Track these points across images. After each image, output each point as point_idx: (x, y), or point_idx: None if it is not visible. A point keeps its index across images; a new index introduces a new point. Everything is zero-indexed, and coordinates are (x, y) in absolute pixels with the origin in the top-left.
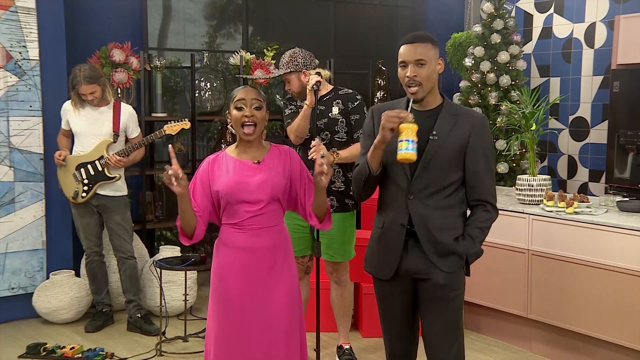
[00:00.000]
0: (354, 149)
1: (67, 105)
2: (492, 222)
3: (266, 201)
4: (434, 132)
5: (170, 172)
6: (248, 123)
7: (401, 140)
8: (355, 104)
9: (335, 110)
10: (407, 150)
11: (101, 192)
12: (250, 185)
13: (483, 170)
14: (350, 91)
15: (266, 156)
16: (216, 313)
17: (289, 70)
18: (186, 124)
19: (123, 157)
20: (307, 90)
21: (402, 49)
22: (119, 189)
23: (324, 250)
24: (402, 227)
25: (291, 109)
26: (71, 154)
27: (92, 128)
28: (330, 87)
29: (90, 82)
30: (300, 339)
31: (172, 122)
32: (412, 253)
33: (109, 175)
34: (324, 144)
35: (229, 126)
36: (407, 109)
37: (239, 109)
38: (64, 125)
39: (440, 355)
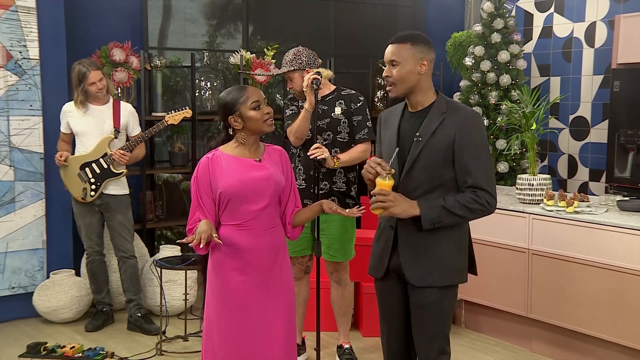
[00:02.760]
0: (355, 152)
1: (67, 107)
2: (476, 206)
3: (268, 200)
4: (417, 134)
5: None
6: (270, 119)
7: (373, 195)
8: (358, 105)
9: (338, 110)
10: (374, 205)
11: (104, 191)
12: (254, 182)
13: (473, 165)
14: (353, 92)
15: (264, 154)
16: (217, 313)
17: (292, 68)
18: (187, 112)
19: (127, 151)
20: (305, 91)
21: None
22: (122, 187)
23: (324, 250)
24: (391, 228)
25: (292, 110)
26: (73, 154)
27: (94, 126)
28: (333, 87)
29: (96, 68)
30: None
31: (172, 111)
32: (397, 254)
33: (115, 171)
34: (326, 144)
35: (236, 130)
36: (401, 115)
37: (257, 108)
38: (63, 129)
39: (422, 355)
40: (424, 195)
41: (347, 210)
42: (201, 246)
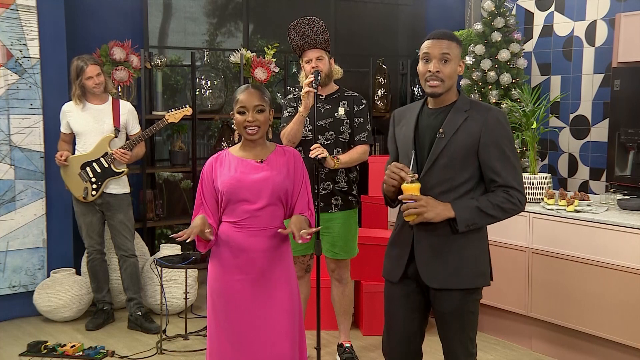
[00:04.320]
0: (354, 154)
1: (67, 107)
2: (509, 206)
3: (267, 200)
4: (441, 130)
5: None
6: (251, 127)
7: (402, 203)
8: (361, 107)
9: (341, 111)
10: (406, 211)
11: (105, 190)
12: (250, 183)
13: (501, 165)
14: (356, 94)
15: (270, 156)
16: (216, 313)
17: (328, 50)
18: (188, 110)
19: (127, 150)
20: (303, 95)
21: (428, 42)
22: (123, 186)
23: (327, 248)
24: (411, 228)
25: (289, 112)
26: (73, 154)
27: (93, 125)
28: (336, 87)
29: (95, 63)
30: (300, 340)
31: (173, 110)
32: (415, 253)
33: (116, 170)
34: (328, 144)
35: (233, 126)
36: (419, 111)
37: (242, 113)
38: (63, 129)
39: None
40: (444, 193)
41: (298, 235)
42: (187, 240)
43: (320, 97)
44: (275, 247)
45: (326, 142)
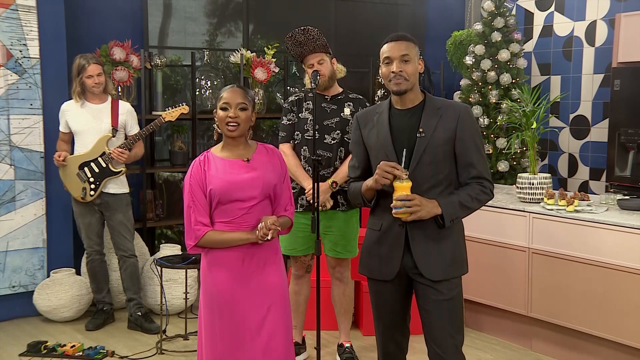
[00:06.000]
0: (346, 162)
1: (65, 106)
2: (484, 197)
3: (258, 198)
4: (421, 130)
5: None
6: (232, 123)
7: (396, 199)
8: None
9: (347, 111)
10: (399, 209)
11: (104, 189)
12: (242, 183)
13: (475, 158)
14: (361, 97)
15: (254, 154)
16: (210, 311)
17: (328, 52)
18: (184, 109)
19: (125, 149)
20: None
21: (387, 46)
22: (121, 186)
23: (330, 247)
24: (401, 226)
25: (290, 120)
26: (72, 154)
27: (92, 125)
28: (340, 89)
29: (97, 62)
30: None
31: (169, 108)
32: (409, 253)
33: (114, 170)
34: (334, 143)
35: (215, 125)
36: (388, 113)
37: (224, 109)
38: (62, 128)
39: (447, 349)
40: (429, 190)
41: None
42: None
43: (326, 97)
44: (269, 242)
45: (332, 142)
